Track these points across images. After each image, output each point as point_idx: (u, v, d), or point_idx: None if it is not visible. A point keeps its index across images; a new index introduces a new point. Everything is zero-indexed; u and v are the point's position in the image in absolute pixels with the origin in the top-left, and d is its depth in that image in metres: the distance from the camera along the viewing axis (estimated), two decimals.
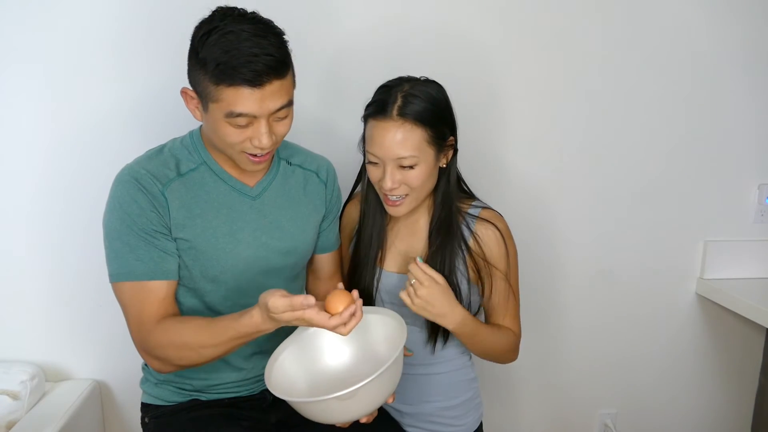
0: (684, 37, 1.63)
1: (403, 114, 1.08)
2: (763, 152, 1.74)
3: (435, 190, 1.20)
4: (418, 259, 1.11)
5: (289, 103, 1.03)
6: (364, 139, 1.16)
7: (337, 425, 1.04)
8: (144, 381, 1.24)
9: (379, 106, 1.10)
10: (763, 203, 1.76)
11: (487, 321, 1.27)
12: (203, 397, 1.19)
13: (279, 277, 1.18)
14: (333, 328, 0.95)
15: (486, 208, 1.23)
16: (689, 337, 1.85)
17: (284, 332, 1.08)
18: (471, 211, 1.22)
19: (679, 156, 1.71)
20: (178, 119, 1.28)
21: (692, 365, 1.87)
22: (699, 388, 1.90)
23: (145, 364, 1.24)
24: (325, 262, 1.31)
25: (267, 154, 1.06)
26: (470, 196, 1.28)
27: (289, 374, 1.05)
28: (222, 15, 0.98)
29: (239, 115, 0.97)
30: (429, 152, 1.12)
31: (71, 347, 1.56)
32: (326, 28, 1.49)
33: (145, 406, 1.23)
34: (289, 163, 1.22)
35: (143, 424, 1.23)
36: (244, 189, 1.14)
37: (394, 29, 1.52)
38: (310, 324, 0.95)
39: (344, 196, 1.34)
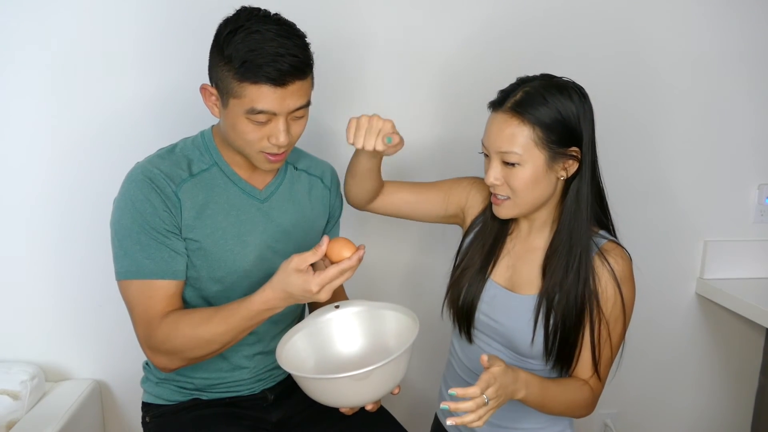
0: (684, 36, 1.64)
1: (515, 108, 1.02)
2: (763, 152, 1.74)
3: (562, 208, 1.09)
4: (451, 393, 0.91)
5: (308, 104, 1.06)
6: None
7: (342, 410, 1.04)
8: (145, 380, 1.24)
9: (501, 97, 1.07)
10: (763, 203, 1.76)
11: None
12: (204, 396, 1.19)
13: None
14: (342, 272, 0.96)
15: (612, 240, 1.11)
16: (689, 337, 1.85)
17: None
18: (594, 239, 1.09)
19: (679, 156, 1.71)
20: (187, 120, 1.29)
21: (692, 365, 1.87)
22: (699, 388, 1.90)
23: (146, 363, 1.24)
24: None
25: (284, 153, 1.07)
26: (602, 225, 1.13)
27: (300, 354, 1.08)
28: (248, 15, 1.01)
29: (260, 111, 1.00)
30: (536, 155, 1.03)
31: (71, 347, 1.56)
32: (333, 32, 1.48)
33: (146, 406, 1.23)
34: (296, 168, 1.23)
35: (144, 423, 1.23)
36: (254, 192, 1.15)
37: (404, 34, 1.52)
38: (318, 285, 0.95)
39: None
